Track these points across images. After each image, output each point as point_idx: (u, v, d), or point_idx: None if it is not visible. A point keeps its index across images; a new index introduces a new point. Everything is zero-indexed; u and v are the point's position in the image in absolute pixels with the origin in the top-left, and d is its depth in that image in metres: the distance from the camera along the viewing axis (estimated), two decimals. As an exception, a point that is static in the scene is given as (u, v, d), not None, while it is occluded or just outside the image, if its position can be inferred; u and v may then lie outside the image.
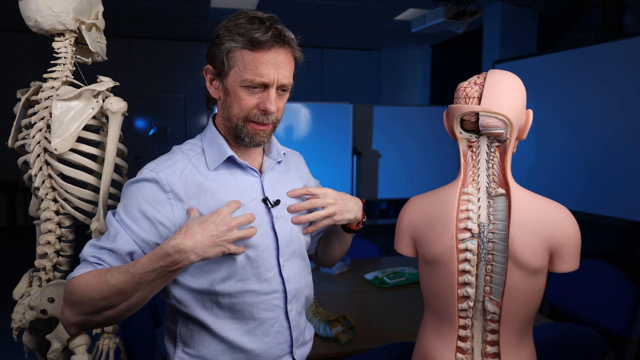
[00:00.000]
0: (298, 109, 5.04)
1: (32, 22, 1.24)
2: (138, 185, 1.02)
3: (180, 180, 1.03)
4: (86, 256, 1.00)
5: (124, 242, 0.99)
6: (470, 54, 5.78)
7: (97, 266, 0.98)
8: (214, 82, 1.08)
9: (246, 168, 1.11)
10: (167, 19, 5.79)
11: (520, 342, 1.04)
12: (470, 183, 1.04)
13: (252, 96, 1.03)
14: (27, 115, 1.34)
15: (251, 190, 1.10)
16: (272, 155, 1.17)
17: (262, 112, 1.04)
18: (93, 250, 1.00)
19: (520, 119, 0.99)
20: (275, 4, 5.03)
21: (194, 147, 1.12)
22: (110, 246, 0.98)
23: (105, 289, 0.91)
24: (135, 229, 0.99)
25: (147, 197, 1.01)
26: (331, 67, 7.54)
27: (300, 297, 1.17)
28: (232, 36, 1.01)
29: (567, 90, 3.48)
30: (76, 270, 0.98)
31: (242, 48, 1.00)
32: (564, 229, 0.99)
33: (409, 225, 1.12)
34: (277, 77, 1.02)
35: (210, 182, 1.05)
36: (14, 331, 1.36)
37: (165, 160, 1.06)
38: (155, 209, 1.00)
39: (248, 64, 1.00)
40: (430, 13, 4.03)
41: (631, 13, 3.64)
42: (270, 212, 1.10)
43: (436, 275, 1.05)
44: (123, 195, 1.05)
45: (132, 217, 1.00)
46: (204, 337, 1.08)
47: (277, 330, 1.11)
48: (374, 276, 2.33)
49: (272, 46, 1.00)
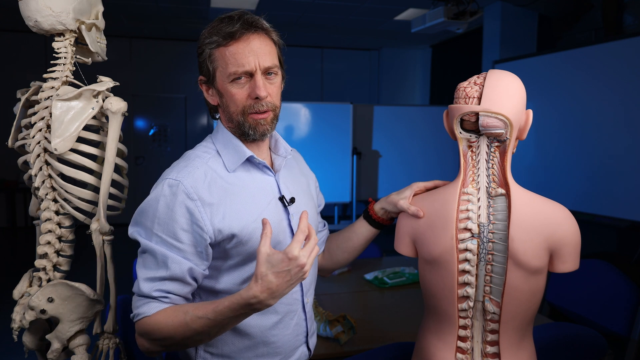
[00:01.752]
0: (298, 109, 5.04)
1: (32, 22, 1.24)
2: (165, 199, 1.02)
3: (204, 186, 1.04)
4: (148, 292, 1.00)
5: (178, 265, 1.00)
6: (470, 54, 5.78)
7: (164, 300, 1.00)
8: (209, 91, 1.11)
9: (262, 168, 1.13)
10: (167, 19, 5.78)
11: (520, 342, 1.04)
12: (470, 183, 1.04)
13: (242, 88, 1.05)
14: (27, 115, 1.34)
15: (269, 190, 1.13)
16: (281, 152, 1.19)
17: (255, 101, 1.05)
18: (152, 284, 1.00)
19: (520, 119, 0.99)
20: (275, 4, 5.03)
21: (207, 149, 1.13)
22: (169, 274, 1.00)
23: (189, 333, 0.95)
24: (181, 247, 1.01)
25: (178, 209, 1.01)
26: (331, 67, 7.54)
27: (312, 290, 1.23)
28: (208, 40, 1.05)
29: (567, 90, 3.48)
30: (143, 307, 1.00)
31: (218, 47, 1.04)
32: (564, 229, 0.99)
33: (409, 225, 1.12)
34: (258, 62, 1.03)
35: (231, 185, 1.07)
36: (14, 331, 1.36)
37: (185, 167, 1.06)
38: (190, 220, 1.01)
39: (228, 59, 1.03)
40: (430, 13, 4.03)
41: (631, 13, 3.64)
42: (287, 210, 1.13)
43: (436, 275, 1.05)
44: (150, 212, 1.03)
45: (173, 235, 1.00)
46: (227, 335, 1.09)
47: (296, 323, 1.16)
48: (374, 276, 2.33)
49: (243, 34, 1.03)
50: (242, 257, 1.08)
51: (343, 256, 1.32)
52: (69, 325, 1.31)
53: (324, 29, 6.22)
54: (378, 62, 7.59)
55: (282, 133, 4.97)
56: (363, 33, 6.40)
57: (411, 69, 7.50)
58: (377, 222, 1.26)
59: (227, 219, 1.04)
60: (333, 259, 1.33)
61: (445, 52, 6.69)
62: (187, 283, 1.02)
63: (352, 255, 1.31)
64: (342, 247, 1.31)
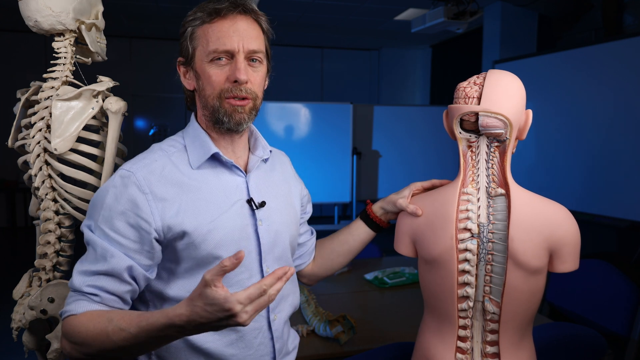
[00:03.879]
0: (298, 109, 5.05)
1: (32, 22, 1.24)
2: (114, 190, 0.95)
3: (159, 179, 0.97)
4: (79, 286, 0.92)
5: (118, 260, 0.92)
6: (470, 54, 5.78)
7: (94, 299, 0.91)
8: (187, 74, 1.05)
9: (231, 167, 1.05)
10: (167, 19, 5.78)
11: (520, 342, 1.03)
12: (469, 183, 1.04)
13: (221, 69, 0.98)
14: (27, 115, 1.34)
15: (236, 191, 1.04)
16: (258, 152, 1.11)
17: (234, 85, 0.97)
18: (84, 278, 0.92)
19: (519, 119, 0.99)
20: (275, 4, 5.03)
21: (174, 143, 1.05)
22: (105, 269, 0.91)
23: (107, 345, 0.84)
24: (124, 242, 0.93)
25: (125, 202, 0.94)
26: (331, 67, 7.53)
27: (285, 306, 1.11)
28: (193, 18, 1.00)
29: (567, 90, 3.48)
30: (71, 304, 0.91)
31: (202, 24, 0.99)
32: (564, 229, 0.99)
33: (409, 225, 1.12)
34: (242, 44, 0.97)
35: (192, 182, 0.99)
36: (14, 331, 1.36)
37: (143, 159, 1.00)
38: (136, 214, 0.93)
39: (210, 36, 0.97)
40: (430, 13, 4.03)
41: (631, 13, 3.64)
42: (254, 215, 1.04)
43: (436, 275, 1.05)
44: (98, 204, 0.96)
45: (116, 229, 0.93)
46: (181, 350, 1.00)
47: (259, 342, 1.05)
48: (374, 276, 2.32)
49: (230, 12, 0.97)
50: (194, 262, 0.98)
51: (338, 260, 1.26)
52: (69, 325, 1.31)
53: (324, 29, 6.22)
54: (378, 62, 7.58)
55: (282, 133, 4.97)
56: (363, 33, 6.40)
57: (411, 69, 7.50)
58: (375, 223, 1.23)
59: (180, 215, 0.96)
60: (327, 265, 1.28)
61: (445, 52, 6.69)
62: (124, 281, 0.93)
63: (348, 259, 1.26)
64: (337, 251, 1.26)
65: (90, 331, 0.86)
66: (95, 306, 0.91)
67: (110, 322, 0.85)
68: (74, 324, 0.89)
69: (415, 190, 1.16)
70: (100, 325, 0.85)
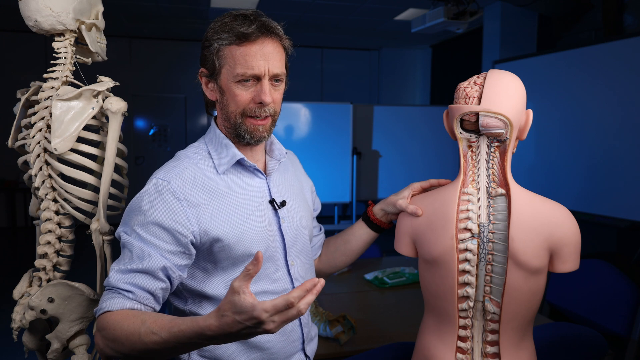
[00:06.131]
0: (298, 109, 5.04)
1: (32, 22, 1.24)
2: (149, 197, 1.00)
3: (191, 187, 1.03)
4: (115, 283, 0.96)
5: (154, 260, 0.96)
6: (470, 54, 5.79)
7: (128, 295, 0.95)
8: (209, 85, 1.09)
9: (253, 170, 1.12)
10: (167, 19, 5.78)
11: (520, 342, 1.03)
12: (470, 183, 1.04)
13: (247, 90, 1.03)
14: (27, 115, 1.34)
15: (259, 193, 1.11)
16: (275, 155, 1.18)
17: (258, 105, 1.04)
18: (121, 276, 0.96)
19: (520, 119, 0.99)
20: (275, 4, 5.03)
21: (198, 150, 1.11)
22: (142, 267, 0.96)
23: (138, 346, 0.87)
24: (159, 244, 0.98)
25: (162, 208, 0.99)
26: (331, 67, 7.54)
27: None
28: (219, 35, 1.03)
29: (567, 90, 3.48)
30: (107, 301, 0.95)
31: (230, 44, 1.02)
32: (564, 229, 0.99)
33: (409, 225, 1.12)
34: (268, 68, 1.02)
35: (220, 188, 1.06)
36: (14, 331, 1.36)
37: (174, 167, 1.06)
38: (172, 219, 0.99)
39: (237, 59, 1.01)
40: (430, 13, 4.03)
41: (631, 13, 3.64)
42: (277, 214, 1.12)
43: (436, 275, 1.05)
44: (134, 210, 1.01)
45: (152, 232, 0.98)
46: None
47: (291, 329, 1.13)
48: (374, 276, 2.33)
49: (258, 37, 1.01)
50: (230, 261, 1.06)
51: (341, 259, 1.31)
52: (69, 325, 1.31)
53: (324, 29, 6.22)
54: (378, 62, 7.58)
55: (282, 133, 4.97)
56: (363, 33, 6.40)
57: (411, 69, 7.50)
58: (376, 224, 1.26)
59: (214, 220, 1.02)
60: (331, 263, 1.33)
61: (445, 52, 6.69)
62: (158, 279, 0.98)
63: (351, 258, 1.31)
64: (341, 250, 1.31)
65: (124, 330, 0.89)
66: (130, 303, 0.95)
67: (143, 324, 0.88)
68: (109, 320, 0.92)
69: (415, 190, 1.18)
70: (134, 326, 0.88)
